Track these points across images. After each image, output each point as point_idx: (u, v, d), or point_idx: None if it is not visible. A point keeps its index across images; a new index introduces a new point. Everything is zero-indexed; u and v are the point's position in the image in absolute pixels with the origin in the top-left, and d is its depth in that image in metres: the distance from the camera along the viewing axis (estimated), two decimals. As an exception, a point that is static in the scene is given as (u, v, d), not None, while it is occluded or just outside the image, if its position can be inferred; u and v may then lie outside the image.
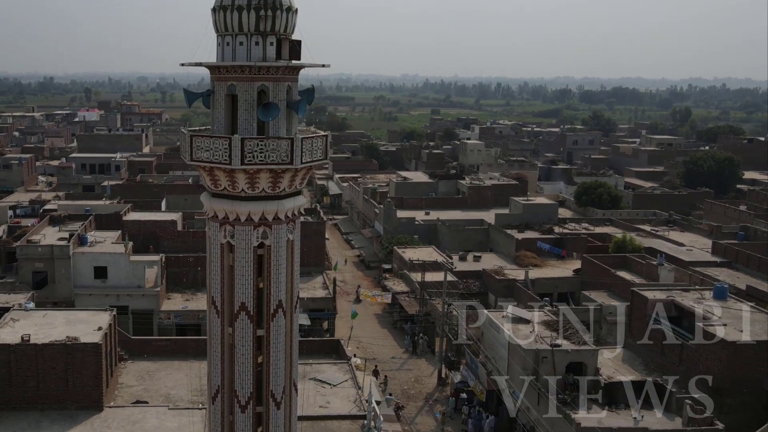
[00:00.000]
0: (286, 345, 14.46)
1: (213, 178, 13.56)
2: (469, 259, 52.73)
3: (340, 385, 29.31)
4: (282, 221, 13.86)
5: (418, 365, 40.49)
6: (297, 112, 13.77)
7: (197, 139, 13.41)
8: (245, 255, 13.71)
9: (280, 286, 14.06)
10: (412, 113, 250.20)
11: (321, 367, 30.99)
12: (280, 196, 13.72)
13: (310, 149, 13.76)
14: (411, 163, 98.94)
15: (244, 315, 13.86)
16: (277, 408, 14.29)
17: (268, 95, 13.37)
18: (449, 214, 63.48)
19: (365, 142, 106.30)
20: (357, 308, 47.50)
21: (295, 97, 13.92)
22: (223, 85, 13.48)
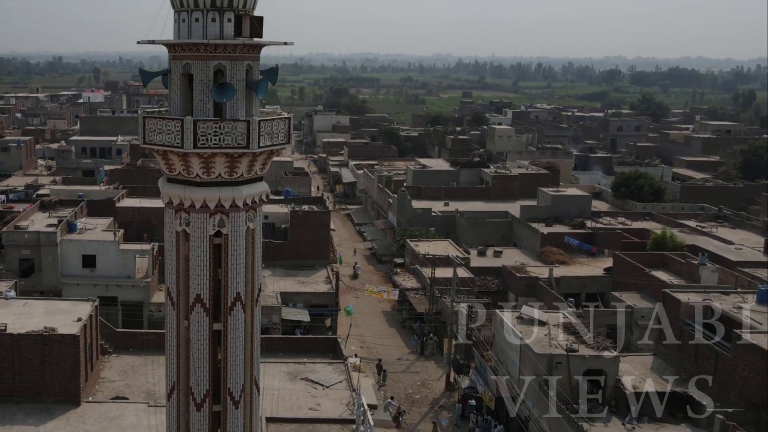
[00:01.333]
0: (246, 341, 14.71)
1: (167, 162, 13.82)
2: (488, 254, 52.53)
3: (334, 386, 29.62)
4: (240, 209, 14.06)
5: (426, 368, 40.57)
6: (257, 93, 13.91)
7: (150, 121, 13.68)
8: (201, 244, 13.96)
9: (238, 278, 14.28)
10: (442, 96, 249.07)
11: (315, 366, 31.35)
12: (238, 182, 13.91)
13: (270, 132, 13.91)
14: (434, 150, 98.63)
15: (199, 308, 14.13)
16: (235, 407, 14.56)
17: (225, 75, 13.54)
18: (470, 206, 63.08)
19: (384, 126, 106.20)
20: (364, 305, 47.83)
21: (256, 76, 14.06)
22: (179, 64, 13.69)
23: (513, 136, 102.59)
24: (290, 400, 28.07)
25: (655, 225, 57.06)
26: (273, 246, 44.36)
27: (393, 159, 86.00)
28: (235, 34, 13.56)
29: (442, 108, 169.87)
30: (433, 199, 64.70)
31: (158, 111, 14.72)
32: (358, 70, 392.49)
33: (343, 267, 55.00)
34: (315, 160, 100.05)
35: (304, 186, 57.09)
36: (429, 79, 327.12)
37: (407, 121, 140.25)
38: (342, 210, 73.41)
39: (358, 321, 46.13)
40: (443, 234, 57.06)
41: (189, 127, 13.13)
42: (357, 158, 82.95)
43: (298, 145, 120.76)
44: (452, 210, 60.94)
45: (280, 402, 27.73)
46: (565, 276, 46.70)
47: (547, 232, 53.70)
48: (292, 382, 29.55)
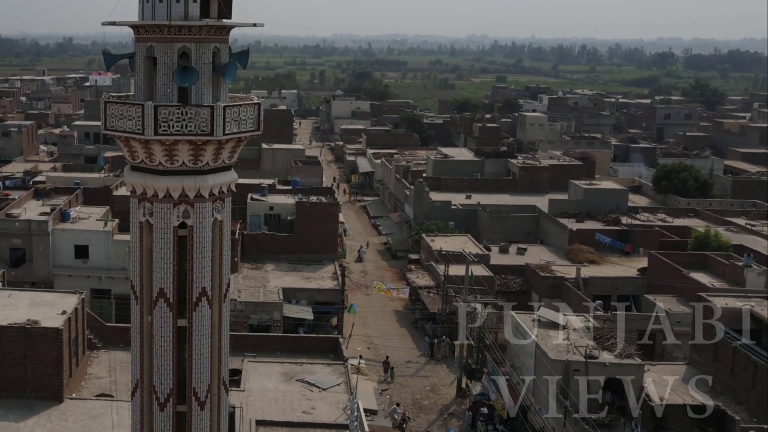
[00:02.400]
0: (213, 338, 14.96)
1: (130, 150, 14.10)
2: (511, 251, 52.33)
3: (331, 389, 29.88)
4: (206, 199, 14.28)
5: (437, 372, 40.64)
6: (224, 77, 14.09)
7: (111, 106, 13.95)
8: (164, 236, 14.24)
9: (204, 272, 14.53)
10: (474, 80, 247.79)
11: (313, 367, 31.66)
12: (203, 170, 14.13)
13: (237, 119, 14.09)
14: (459, 139, 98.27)
15: (163, 302, 14.42)
16: (200, 408, 14.84)
17: (190, 58, 13.74)
18: (494, 199, 62.71)
19: (407, 113, 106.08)
20: (374, 303, 48.04)
21: (224, 60, 14.23)
22: (143, 47, 13.95)
23: (546, 125, 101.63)
24: (283, 402, 28.41)
25: (699, 222, 55.96)
26: (277, 239, 44.91)
27: (414, 148, 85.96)
28: (202, 15, 13.74)
29: (472, 94, 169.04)
30: (454, 191, 64.54)
31: (124, 96, 15.00)
32: (384, 52, 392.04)
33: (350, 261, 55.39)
34: (332, 149, 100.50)
35: (315, 176, 57.45)
36: (461, 63, 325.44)
37: (433, 108, 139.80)
38: (358, 202, 73.67)
39: (367, 320, 46.38)
40: (463, 229, 56.93)
41: (150, 113, 13.37)
42: (375, 146, 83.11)
43: (315, 133, 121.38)
44: (474, 203, 60.76)
45: (272, 404, 28.13)
46: (595, 276, 46.26)
47: (576, 228, 53.23)
48: (286, 384, 29.90)
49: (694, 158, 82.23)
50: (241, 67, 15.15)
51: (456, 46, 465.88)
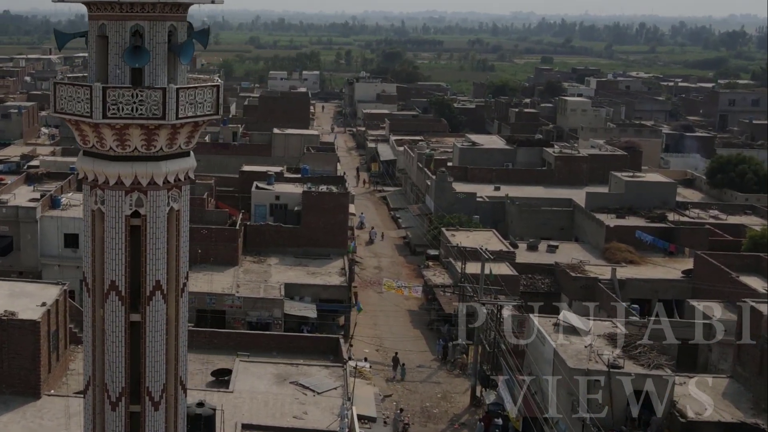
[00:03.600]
0: (169, 334, 15.26)
1: (81, 134, 14.42)
2: (541, 249, 52.03)
3: (327, 393, 30.12)
4: (160, 187, 14.54)
5: (450, 378, 40.69)
6: (179, 57, 14.28)
7: (60, 87, 14.27)
8: (115, 225, 14.54)
9: (158, 264, 14.82)
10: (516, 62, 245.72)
11: (310, 369, 31.94)
12: (157, 156, 14.38)
13: (193, 102, 14.28)
14: (493, 125, 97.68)
15: (114, 296, 14.75)
16: (154, 409, 15.15)
17: (143, 37, 13.97)
18: (526, 191, 62.36)
19: (436, 96, 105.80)
20: (387, 302, 48.21)
21: (181, 38, 14.43)
22: (95, 25, 14.22)
23: (589, 110, 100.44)
24: (273, 405, 28.76)
25: (757, 221, 54.79)
26: (282, 231, 45.35)
27: (442, 134, 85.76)
28: (157, -9, 13.95)
29: (513, 76, 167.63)
30: (481, 182, 64.31)
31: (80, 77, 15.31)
32: (419, 31, 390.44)
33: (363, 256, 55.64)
34: (354, 135, 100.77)
35: (329, 164, 57.72)
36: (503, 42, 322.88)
37: (468, 91, 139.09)
38: (378, 192, 73.85)
39: (378, 320, 46.60)
40: (490, 223, 56.69)
41: (98, 95, 13.64)
42: (400, 133, 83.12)
43: (337, 117, 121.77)
44: (502, 196, 60.43)
45: (261, 407, 28.50)
46: (633, 278, 45.70)
47: (614, 225, 52.61)
48: (279, 386, 30.24)
49: (759, 149, 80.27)
50: (201, 46, 15.39)
51: (499, 24, 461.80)
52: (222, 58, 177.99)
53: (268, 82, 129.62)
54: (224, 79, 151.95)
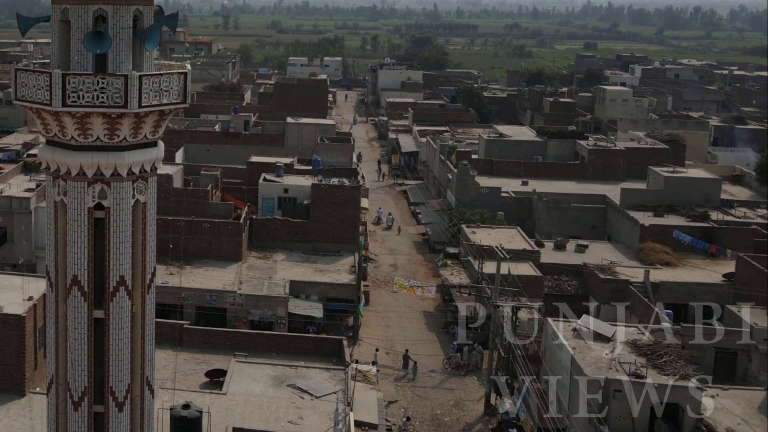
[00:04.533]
0: (134, 332, 15.53)
1: (42, 122, 14.72)
2: (569, 248, 51.71)
3: (325, 397, 30.29)
4: (124, 178, 14.78)
5: (464, 384, 40.62)
6: (145, 43, 14.48)
7: (21, 73, 14.56)
8: (78, 217, 14.82)
9: (122, 259, 15.08)
10: (557, 48, 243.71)
11: (309, 372, 32.15)
12: (121, 146, 14.61)
13: (157, 89, 14.48)
14: (525, 115, 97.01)
15: (77, 291, 15.05)
16: (118, 410, 15.44)
17: (107, 22, 14.19)
18: (557, 186, 61.98)
19: (464, 85, 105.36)
20: (401, 303, 48.24)
21: (147, 23, 14.62)
22: (58, 9, 14.50)
23: (630, 100, 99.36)
24: (268, 409, 29.01)
25: (810, 222, 53.84)
26: (290, 225, 45.63)
27: (470, 125, 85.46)
28: (121, -26, 14.16)
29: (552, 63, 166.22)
30: (508, 176, 64.05)
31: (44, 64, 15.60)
32: (452, 15, 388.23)
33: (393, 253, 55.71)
34: (375, 124, 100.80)
35: (343, 155, 57.86)
36: (543, 27, 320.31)
37: (502, 80, 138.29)
38: (398, 186, 73.84)
39: (390, 321, 46.67)
40: (515, 220, 56.47)
41: (57, 82, 13.91)
42: (423, 123, 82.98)
43: (360, 106, 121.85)
44: (530, 191, 60.05)
45: (255, 411, 28.75)
46: (669, 281, 45.23)
47: (649, 223, 52.04)
48: (276, 389, 30.49)
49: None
50: (170, 32, 15.57)
51: (540, 7, 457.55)
52: (239, 43, 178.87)
53: (287, 69, 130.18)
54: (241, 66, 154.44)
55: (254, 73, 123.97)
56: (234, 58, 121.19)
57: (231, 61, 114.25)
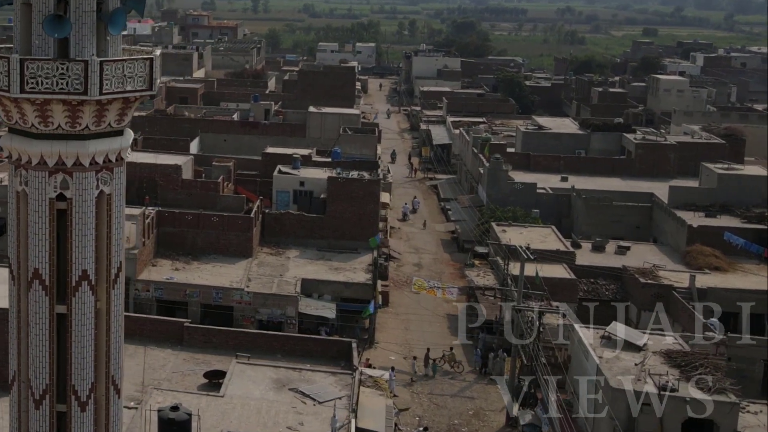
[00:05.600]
0: (99, 329, 15.83)
1: (4, 109, 15.08)
2: (608, 250, 51.20)
3: (329, 402, 30.40)
4: (87, 168, 15.07)
5: (486, 393, 40.49)
6: (109, 27, 14.73)
7: (-19, 58, 14.92)
8: (39, 208, 15.16)
9: (85, 252, 15.37)
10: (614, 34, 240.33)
11: (314, 375, 32.35)
12: (84, 135, 14.90)
13: (120, 76, 14.73)
14: (571, 106, 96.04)
15: (38, 285, 15.41)
16: (81, 410, 15.77)
17: (69, 4, 14.47)
18: (600, 183, 61.33)
19: (504, 73, 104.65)
20: (424, 305, 48.21)
21: (112, 7, 14.86)
22: (20, -10, 14.82)
23: (687, 91, 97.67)
24: (267, 414, 29.27)
25: None
26: (305, 220, 45.95)
27: (509, 116, 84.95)
28: (85, -47, 14.42)
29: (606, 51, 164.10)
30: (547, 172, 63.55)
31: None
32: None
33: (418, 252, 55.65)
34: (408, 115, 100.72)
35: (367, 147, 57.95)
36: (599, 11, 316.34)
37: (549, 68, 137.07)
38: (428, 180, 73.77)
39: (411, 324, 46.69)
40: (553, 219, 56.03)
41: (15, 67, 14.22)
42: (459, 113, 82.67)
43: (392, 95, 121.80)
44: (568, 187, 59.50)
45: (252, 415, 29.04)
46: (716, 287, 44.35)
47: (697, 224, 51.23)
48: (277, 392, 30.76)
49: None
50: (138, 15, 15.81)
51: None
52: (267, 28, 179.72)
53: (316, 55, 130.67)
54: (268, 51, 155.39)
55: (280, 59, 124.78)
56: (259, 43, 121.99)
57: (256, 46, 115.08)
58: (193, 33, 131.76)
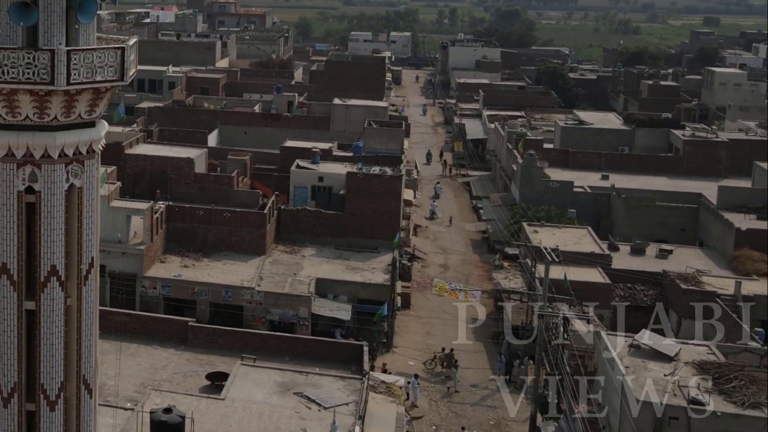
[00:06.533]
0: (69, 326, 16.17)
1: (-27, 99, 15.46)
2: (649, 252, 50.67)
3: (335, 408, 30.54)
4: (55, 160, 15.39)
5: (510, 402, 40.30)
6: (79, 15, 15.01)
7: (-48, 47, 15.32)
8: (7, 201, 15.53)
9: (54, 247, 15.72)
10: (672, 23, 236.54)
11: (321, 379, 32.48)
12: (52, 126, 15.22)
13: (89, 66, 15.00)
14: (618, 100, 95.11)
15: (6, 280, 15.79)
16: (50, 409, 16.13)
17: (37, -10, 14.80)
18: (644, 182, 60.87)
19: (547, 65, 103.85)
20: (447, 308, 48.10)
21: (82, -7, 15.16)
22: (-11, -23, 15.17)
23: (744, 85, 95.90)
24: (268, 418, 29.48)
25: None
26: (322, 217, 46.17)
27: (550, 110, 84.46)
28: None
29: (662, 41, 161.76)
30: (586, 169, 63.25)
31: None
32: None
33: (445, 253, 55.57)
34: (443, 108, 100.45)
35: (393, 141, 58.00)
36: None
37: (599, 60, 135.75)
38: (462, 176, 73.58)
39: (433, 329, 46.63)
40: (591, 219, 55.61)
41: (-19, 56, 14.59)
42: (496, 107, 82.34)
43: (427, 87, 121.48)
44: (609, 186, 58.99)
45: (253, 420, 29.25)
46: (766, 295, 43.71)
47: (746, 227, 50.49)
48: (280, 396, 30.95)
49: None
50: (111, 3, 16.08)
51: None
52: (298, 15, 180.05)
53: (348, 45, 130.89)
54: (299, 41, 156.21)
55: (309, 49, 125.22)
56: (287, 32, 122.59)
57: (283, 35, 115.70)
58: (219, 21, 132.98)
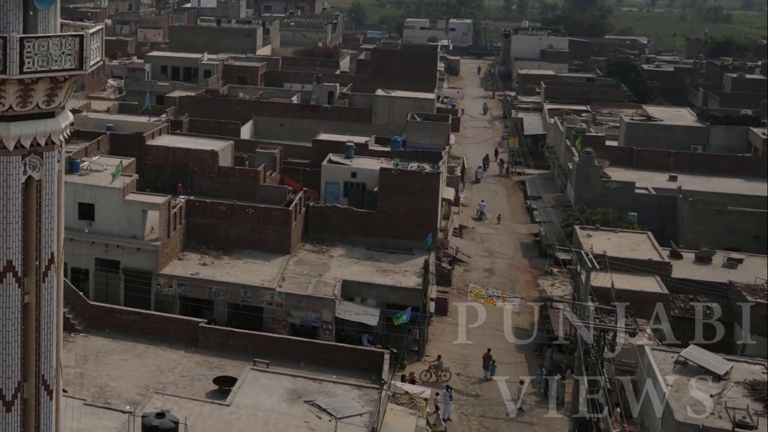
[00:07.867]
0: (28, 324, 16.89)
1: (-67, 87, 15.97)
2: (716, 261, 49.65)
3: (348, 419, 30.63)
4: (11, 152, 15.81)
5: (549, 420, 39.89)
6: (35, 1, 15.37)
7: None
8: (-37, 194, 15.99)
9: (9, 242, 16.32)
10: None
11: (336, 388, 32.60)
12: (8, 117, 15.67)
13: (44, 54, 15.36)
14: (697, 94, 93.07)
15: (-39, 274, 16.26)
16: (6, 410, 16.70)
17: (-10, -24, 15.21)
18: (716, 184, 59.94)
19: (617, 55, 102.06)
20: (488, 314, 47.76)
21: (42, -21, 15.54)
22: (-52, -39, 15.64)
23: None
24: (275, 427, 29.68)
25: None
26: (353, 215, 46.30)
27: (620, 104, 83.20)
28: None
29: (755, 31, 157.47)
30: (652, 169, 62.36)
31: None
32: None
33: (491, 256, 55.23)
34: (503, 100, 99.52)
35: (438, 136, 57.70)
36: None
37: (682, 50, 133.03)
38: (517, 174, 72.94)
39: (473, 336, 46.30)
40: (655, 224, 54.82)
41: (-70, 45, 15.04)
42: (559, 101, 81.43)
43: (488, 78, 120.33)
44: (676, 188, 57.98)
45: (258, 428, 29.50)
46: None
47: (823, 235, 49.24)
48: (290, 404, 31.16)
49: None
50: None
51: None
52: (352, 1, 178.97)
53: (403, 32, 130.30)
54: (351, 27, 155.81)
55: (360, 36, 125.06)
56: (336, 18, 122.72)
57: (331, 21, 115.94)
58: (265, 6, 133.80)
